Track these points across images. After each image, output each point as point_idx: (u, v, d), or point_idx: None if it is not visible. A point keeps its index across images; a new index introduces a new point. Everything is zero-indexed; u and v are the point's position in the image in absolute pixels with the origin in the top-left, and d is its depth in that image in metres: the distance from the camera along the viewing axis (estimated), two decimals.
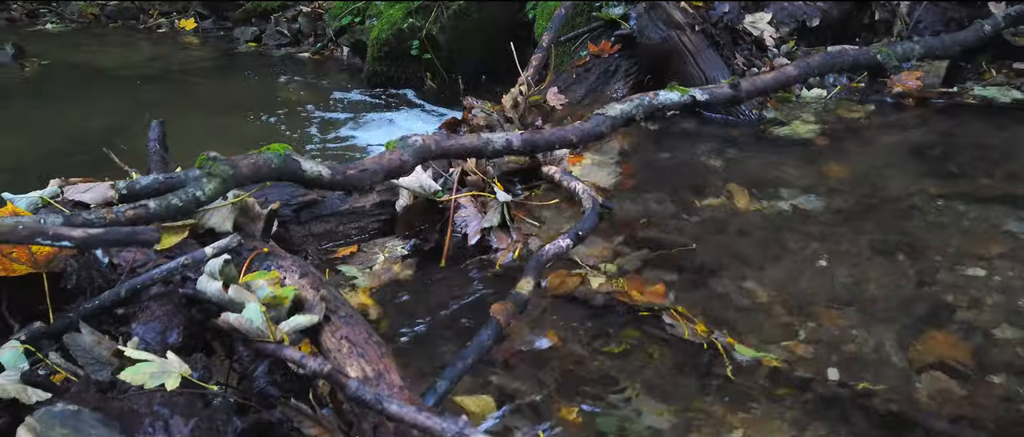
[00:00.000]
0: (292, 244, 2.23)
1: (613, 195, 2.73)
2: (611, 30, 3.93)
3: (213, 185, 1.67)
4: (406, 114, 5.05)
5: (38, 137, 4.85)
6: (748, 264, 2.32)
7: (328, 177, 1.88)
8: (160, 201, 1.59)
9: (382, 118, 4.94)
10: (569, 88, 3.63)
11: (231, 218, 1.84)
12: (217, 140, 4.70)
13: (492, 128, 2.95)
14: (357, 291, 2.12)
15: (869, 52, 2.92)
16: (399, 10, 5.65)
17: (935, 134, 3.30)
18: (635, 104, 2.35)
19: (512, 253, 2.33)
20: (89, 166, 4.35)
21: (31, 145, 4.69)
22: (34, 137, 4.85)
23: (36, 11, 8.37)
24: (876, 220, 2.57)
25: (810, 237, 2.46)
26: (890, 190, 2.78)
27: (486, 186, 2.52)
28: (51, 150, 4.60)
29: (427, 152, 2.08)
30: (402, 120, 4.92)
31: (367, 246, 2.36)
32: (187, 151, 4.46)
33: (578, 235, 2.15)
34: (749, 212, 2.64)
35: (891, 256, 2.35)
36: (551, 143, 2.22)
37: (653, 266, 2.30)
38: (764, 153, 3.16)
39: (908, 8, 3.98)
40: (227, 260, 1.44)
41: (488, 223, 2.37)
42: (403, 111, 5.11)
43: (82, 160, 4.39)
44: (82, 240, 1.18)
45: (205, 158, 1.71)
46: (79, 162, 4.35)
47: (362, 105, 5.22)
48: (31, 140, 4.80)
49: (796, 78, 2.74)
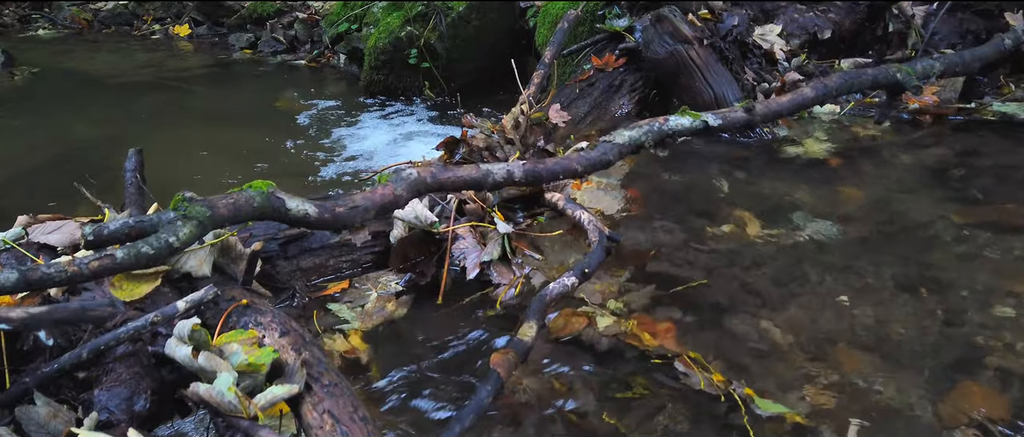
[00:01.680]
0: (278, 281, 2.09)
1: (619, 223, 2.60)
2: (615, 43, 3.80)
3: (188, 229, 1.53)
4: (404, 124, 4.90)
5: (26, 149, 4.71)
6: (763, 301, 2.18)
7: (315, 216, 1.75)
8: (129, 250, 1.45)
9: (379, 129, 4.79)
10: (572, 104, 3.49)
11: (209, 261, 1.70)
12: (209, 152, 4.57)
13: (492, 150, 2.81)
14: (348, 334, 1.98)
15: (888, 71, 2.79)
16: (396, 18, 5.51)
17: (954, 154, 3.17)
18: (644, 130, 2.21)
19: (513, 289, 2.19)
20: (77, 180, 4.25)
21: (19, 158, 4.54)
22: (22, 149, 4.71)
23: (28, 16, 8.22)
24: (896, 251, 2.44)
25: (828, 270, 2.32)
26: (910, 217, 2.65)
27: (486, 215, 2.38)
28: (39, 163, 4.45)
29: (422, 185, 1.94)
30: (400, 131, 4.77)
31: (359, 281, 2.22)
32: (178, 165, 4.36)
33: (584, 272, 2.02)
34: (762, 241, 2.50)
35: (915, 292, 2.21)
36: (555, 173, 2.09)
37: (663, 303, 2.16)
38: (776, 174, 3.02)
39: (923, 19, 3.84)
40: (196, 326, 1.31)
41: (488, 256, 2.24)
42: (401, 122, 4.96)
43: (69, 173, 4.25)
44: (21, 322, 1.05)
45: (180, 199, 1.57)
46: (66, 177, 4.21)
47: (359, 115, 5.08)
48: (19, 152, 4.66)
49: (813, 100, 2.60)
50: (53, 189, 4.04)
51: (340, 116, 5.08)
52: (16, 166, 4.40)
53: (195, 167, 4.32)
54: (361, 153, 4.35)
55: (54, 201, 3.83)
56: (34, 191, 4.07)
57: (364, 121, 4.97)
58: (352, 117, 5.05)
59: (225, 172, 4.13)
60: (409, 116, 5.09)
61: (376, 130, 4.78)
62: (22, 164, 4.44)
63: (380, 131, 4.76)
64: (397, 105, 5.33)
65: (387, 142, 4.57)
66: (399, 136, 4.69)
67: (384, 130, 4.78)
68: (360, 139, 4.61)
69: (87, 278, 1.39)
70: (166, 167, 4.32)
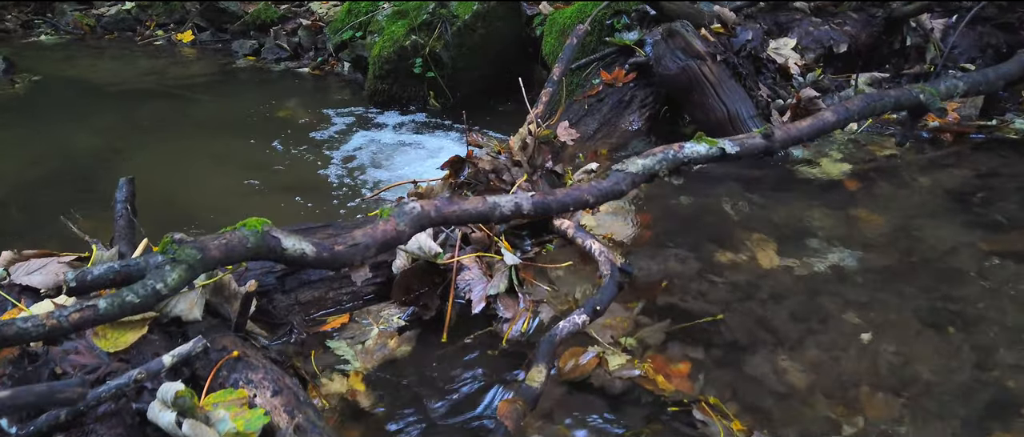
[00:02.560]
0: (275, 317, 2.00)
1: (631, 251, 2.51)
2: (624, 56, 3.70)
3: (177, 274, 1.45)
4: (408, 135, 4.81)
5: (26, 161, 4.63)
6: (782, 339, 2.08)
7: (312, 255, 1.66)
8: (112, 299, 1.36)
9: (383, 140, 4.70)
10: (581, 121, 3.40)
11: (201, 303, 1.61)
12: (210, 163, 4.48)
13: (498, 172, 2.72)
14: (348, 375, 1.89)
15: (911, 92, 2.68)
16: (401, 27, 5.42)
17: (976, 175, 3.07)
18: (658, 158, 2.11)
19: (521, 324, 2.10)
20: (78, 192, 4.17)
21: (18, 170, 4.47)
22: (22, 161, 4.63)
23: (31, 21, 8.15)
24: (920, 282, 2.33)
25: (849, 304, 2.22)
26: (932, 244, 2.55)
27: (492, 244, 2.29)
28: (39, 177, 4.38)
29: (425, 220, 1.85)
30: (404, 142, 4.69)
31: (360, 315, 2.13)
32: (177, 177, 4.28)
33: (595, 310, 1.92)
34: (780, 271, 2.41)
35: (941, 329, 2.11)
36: (565, 205, 1.99)
37: (677, 340, 2.07)
38: (791, 197, 2.93)
39: (942, 33, 3.73)
40: (181, 391, 1.21)
41: (494, 289, 2.14)
42: (405, 132, 4.87)
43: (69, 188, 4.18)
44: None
45: (169, 241, 1.49)
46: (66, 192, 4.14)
47: (363, 125, 4.99)
48: (19, 163, 4.58)
49: (834, 125, 2.50)
50: (52, 205, 3.95)
51: (343, 126, 4.99)
52: (16, 179, 4.33)
53: (195, 179, 4.24)
54: (364, 166, 4.27)
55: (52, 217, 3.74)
56: (33, 207, 4.00)
57: (368, 132, 4.88)
58: (355, 127, 4.97)
59: (226, 184, 4.05)
60: (413, 126, 5.01)
61: (380, 141, 4.69)
62: (22, 177, 4.36)
63: (384, 142, 4.68)
64: (401, 115, 5.25)
65: (391, 154, 4.48)
66: (403, 148, 4.60)
67: (388, 141, 4.70)
68: (363, 151, 4.52)
69: (67, 332, 1.31)
70: (166, 179, 4.25)
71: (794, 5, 3.96)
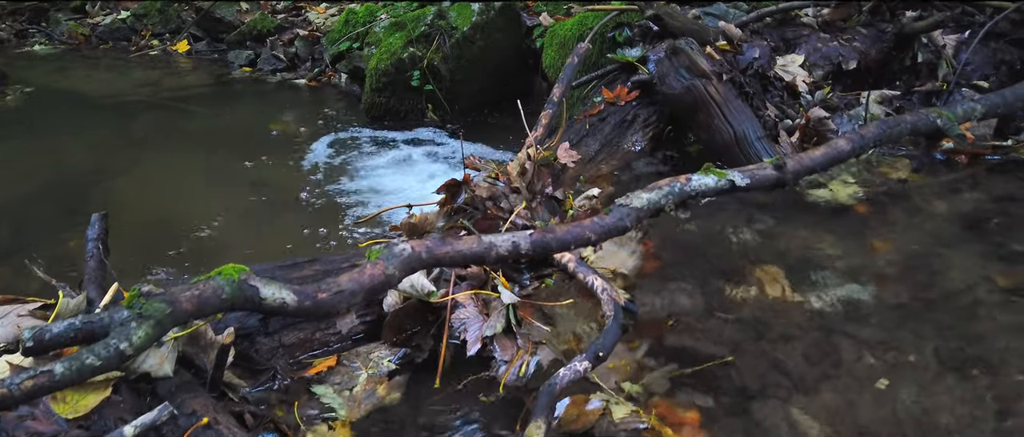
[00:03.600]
0: (257, 362, 1.89)
1: (634, 284, 2.39)
2: (626, 74, 3.59)
3: (143, 332, 1.34)
4: (405, 150, 4.70)
5: (16, 176, 4.53)
6: (794, 383, 1.97)
7: (294, 305, 1.55)
8: (70, 363, 1.25)
9: (379, 155, 4.60)
10: (582, 142, 3.29)
11: (172, 358, 1.50)
12: (201, 179, 4.39)
13: (496, 199, 2.61)
14: (334, 426, 1.78)
15: (928, 117, 2.57)
16: (399, 39, 5.32)
17: (991, 199, 2.95)
18: (664, 192, 2.00)
19: (519, 368, 1.99)
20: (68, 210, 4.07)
21: (8, 185, 4.36)
22: (12, 176, 4.53)
23: (25, 31, 8.05)
24: (937, 320, 2.22)
25: (864, 345, 2.11)
26: (949, 278, 2.43)
27: (488, 281, 2.18)
28: (29, 193, 4.27)
29: (416, 262, 1.74)
30: (401, 157, 4.58)
31: (349, 357, 2.02)
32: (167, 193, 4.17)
33: (598, 356, 1.81)
34: (790, 306, 2.29)
35: (962, 373, 2.00)
36: (565, 243, 1.88)
37: (685, 385, 1.95)
38: (800, 223, 2.81)
39: (954, 49, 3.62)
40: None
41: (491, 330, 2.03)
42: (402, 147, 4.77)
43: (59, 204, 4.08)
44: None
45: (136, 294, 1.38)
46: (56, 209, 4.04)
47: (359, 140, 4.88)
48: (8, 179, 4.48)
49: (849, 153, 2.39)
50: (42, 223, 3.86)
51: (339, 141, 4.89)
52: (5, 195, 4.23)
53: (188, 196, 4.14)
54: (360, 183, 4.16)
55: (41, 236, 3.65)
56: (23, 225, 3.90)
57: (363, 146, 4.78)
58: (351, 142, 4.86)
59: (219, 202, 3.94)
60: (411, 141, 4.90)
61: (376, 156, 4.59)
62: (12, 193, 4.26)
63: (380, 158, 4.57)
64: (399, 128, 5.15)
65: (387, 170, 4.38)
66: (400, 163, 4.50)
67: (384, 156, 4.59)
68: (358, 167, 4.41)
69: (19, 402, 1.20)
70: (159, 196, 4.16)
71: (801, 20, 3.85)
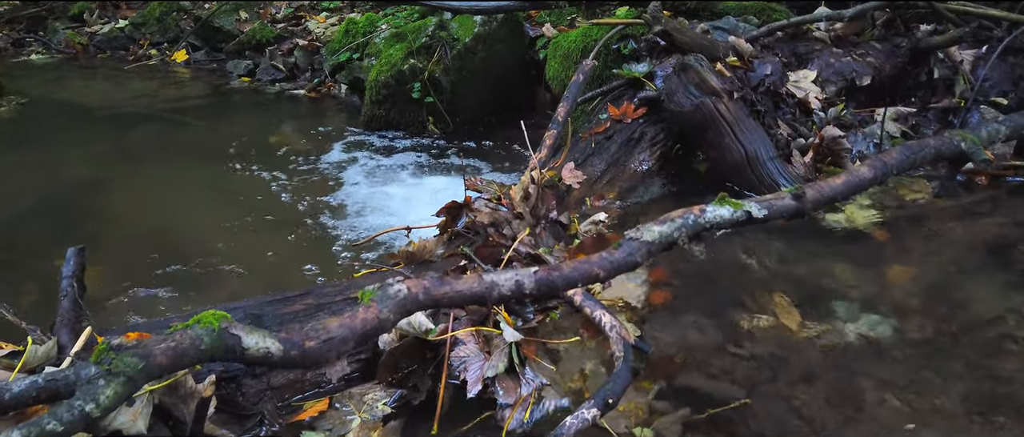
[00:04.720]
0: (244, 407, 1.77)
1: (644, 317, 2.28)
2: (633, 90, 3.47)
3: (112, 390, 1.22)
4: (405, 165, 4.60)
5: (9, 191, 4.42)
6: (815, 430, 1.85)
7: (279, 354, 1.43)
8: (29, 429, 1.14)
9: (379, 171, 4.49)
10: (587, 161, 3.17)
11: (146, 414, 1.39)
12: (196, 194, 4.28)
13: (498, 225, 2.50)
14: None
15: (952, 141, 2.46)
16: (399, 50, 5.21)
17: (1014, 224, 2.83)
18: (676, 225, 1.89)
19: (523, 412, 1.87)
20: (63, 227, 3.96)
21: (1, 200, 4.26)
22: (5, 191, 4.43)
23: (22, 40, 7.96)
24: (964, 357, 2.10)
25: (887, 386, 1.99)
26: (973, 310, 2.31)
27: (490, 315, 2.06)
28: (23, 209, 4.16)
29: (413, 304, 1.63)
30: (400, 172, 4.48)
31: (341, 398, 1.90)
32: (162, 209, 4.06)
33: (607, 402, 1.69)
34: (808, 342, 2.17)
35: (991, 418, 1.87)
36: (572, 281, 1.76)
37: (699, 431, 1.84)
38: (815, 249, 2.70)
39: (971, 65, 3.51)
40: None
41: (493, 370, 1.92)
42: (402, 161, 4.66)
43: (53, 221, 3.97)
44: None
45: (104, 348, 1.26)
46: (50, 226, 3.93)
47: (358, 153, 4.77)
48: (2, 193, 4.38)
49: (871, 181, 2.28)
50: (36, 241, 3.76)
51: (338, 154, 4.78)
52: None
53: (185, 212, 4.04)
54: (358, 200, 4.05)
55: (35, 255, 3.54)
56: (15, 243, 3.79)
57: (363, 160, 4.66)
58: (350, 155, 4.75)
59: (215, 218, 3.83)
60: (411, 155, 4.79)
61: (375, 172, 4.48)
62: (5, 209, 4.16)
63: (380, 173, 4.46)
64: (399, 142, 5.04)
65: (386, 186, 4.27)
66: (399, 180, 4.39)
67: (384, 171, 4.48)
68: (357, 182, 4.31)
69: None
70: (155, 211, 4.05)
71: (813, 34, 3.73)
